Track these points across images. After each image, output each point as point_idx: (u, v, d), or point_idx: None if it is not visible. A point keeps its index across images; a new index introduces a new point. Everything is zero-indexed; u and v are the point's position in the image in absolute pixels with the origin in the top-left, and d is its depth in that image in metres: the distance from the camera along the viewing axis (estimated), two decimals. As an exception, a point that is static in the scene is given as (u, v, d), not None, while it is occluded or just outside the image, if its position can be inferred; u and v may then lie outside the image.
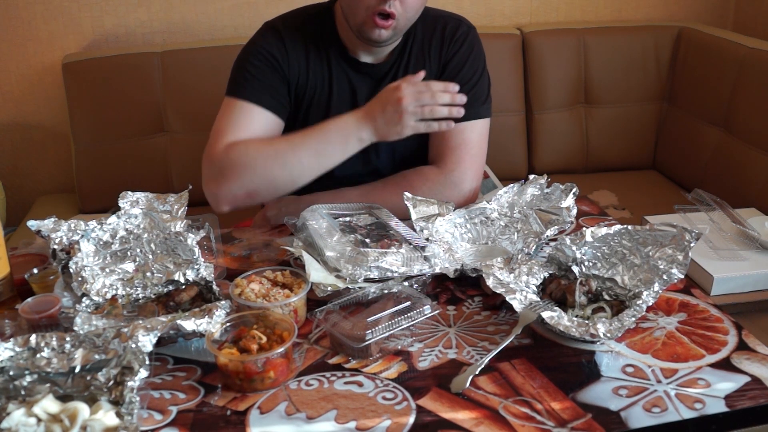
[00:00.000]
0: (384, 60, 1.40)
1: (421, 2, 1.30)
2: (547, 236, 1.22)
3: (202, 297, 1.05)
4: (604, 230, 1.07)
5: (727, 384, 0.87)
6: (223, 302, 0.97)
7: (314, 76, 1.38)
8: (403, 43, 1.40)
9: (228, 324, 0.94)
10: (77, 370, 0.82)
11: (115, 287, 1.02)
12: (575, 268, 1.07)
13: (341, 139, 1.23)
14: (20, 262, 1.11)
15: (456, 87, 1.22)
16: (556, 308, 0.99)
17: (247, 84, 1.33)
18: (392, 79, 1.40)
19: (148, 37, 2.27)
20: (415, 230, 1.19)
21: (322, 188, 1.37)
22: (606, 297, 1.05)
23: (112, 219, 1.06)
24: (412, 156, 1.43)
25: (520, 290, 1.01)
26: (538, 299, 1.02)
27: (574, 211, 1.27)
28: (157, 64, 2.10)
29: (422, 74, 1.25)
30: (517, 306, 0.98)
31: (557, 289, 1.04)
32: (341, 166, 1.43)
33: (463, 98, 1.22)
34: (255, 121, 1.31)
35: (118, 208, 1.09)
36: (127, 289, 1.03)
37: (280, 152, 1.24)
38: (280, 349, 0.88)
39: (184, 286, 1.04)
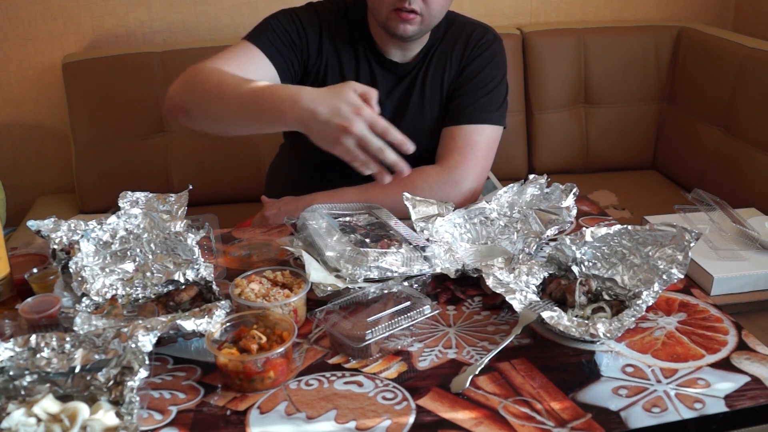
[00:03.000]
0: (409, 60, 1.41)
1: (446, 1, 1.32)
2: (547, 236, 1.22)
3: (202, 297, 1.05)
4: (604, 230, 1.07)
5: (727, 384, 0.87)
6: (223, 302, 0.97)
7: (343, 63, 1.40)
8: (428, 46, 1.42)
9: (228, 324, 0.94)
10: (77, 370, 0.82)
11: (115, 287, 1.02)
12: (575, 268, 1.07)
13: (271, 116, 1.11)
14: (20, 262, 1.11)
15: (408, 145, 1.04)
16: (556, 308, 0.99)
17: (263, 33, 1.35)
18: (413, 79, 1.43)
19: (148, 37, 2.27)
20: (415, 230, 1.19)
21: (337, 178, 1.38)
22: (606, 297, 1.05)
23: (112, 219, 1.06)
24: (429, 156, 1.43)
25: (520, 290, 1.01)
26: (538, 299, 1.02)
27: (574, 211, 1.27)
28: (157, 64, 2.10)
29: (375, 93, 1.07)
30: (517, 306, 0.98)
31: (557, 289, 1.04)
32: None
33: (411, 148, 1.05)
34: (249, 61, 1.32)
35: (118, 208, 1.09)
36: (127, 289, 1.03)
37: (221, 89, 1.18)
38: (280, 349, 0.88)
39: (184, 286, 1.04)
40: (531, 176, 1.31)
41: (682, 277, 1.00)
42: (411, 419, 0.83)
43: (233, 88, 1.17)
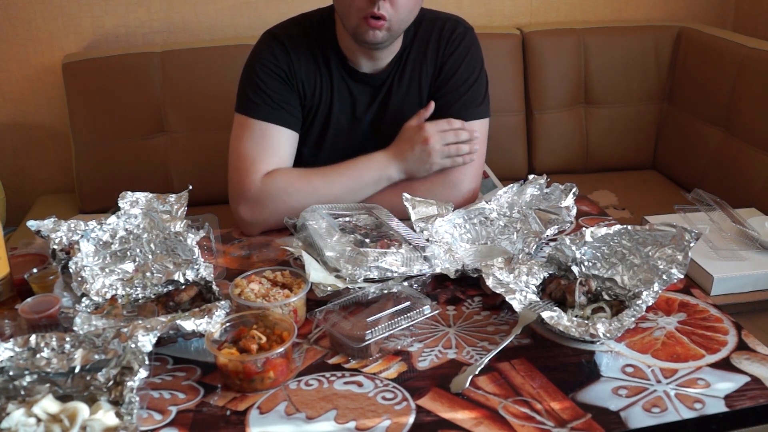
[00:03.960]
0: (383, 68, 1.39)
1: (413, 3, 1.28)
2: (547, 236, 1.22)
3: (202, 297, 1.05)
4: (603, 230, 1.07)
5: (726, 384, 0.87)
6: (222, 302, 0.97)
7: (318, 84, 1.38)
8: (401, 50, 1.39)
9: (228, 324, 0.94)
10: (77, 370, 0.82)
11: (114, 287, 1.03)
12: (575, 268, 1.07)
13: (374, 178, 1.32)
14: (20, 262, 1.11)
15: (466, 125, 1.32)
16: (555, 308, 0.99)
17: (262, 102, 1.33)
18: (390, 87, 1.40)
19: (148, 37, 2.27)
20: (415, 230, 1.19)
21: None
22: (606, 297, 1.05)
23: (112, 219, 1.06)
24: None
25: (520, 290, 1.01)
26: (538, 299, 1.02)
27: (574, 211, 1.27)
28: (157, 64, 2.10)
29: (432, 105, 1.35)
30: (516, 306, 0.98)
31: (557, 289, 1.04)
32: None
33: (478, 133, 1.34)
34: (278, 143, 1.33)
35: (118, 208, 1.09)
36: (127, 289, 1.03)
37: (317, 189, 1.30)
38: (280, 349, 0.88)
39: (183, 286, 1.04)
40: (531, 176, 1.31)
41: (682, 277, 1.00)
42: (411, 419, 0.83)
43: (323, 179, 1.31)
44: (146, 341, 0.84)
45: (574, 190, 1.28)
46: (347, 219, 1.24)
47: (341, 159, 1.37)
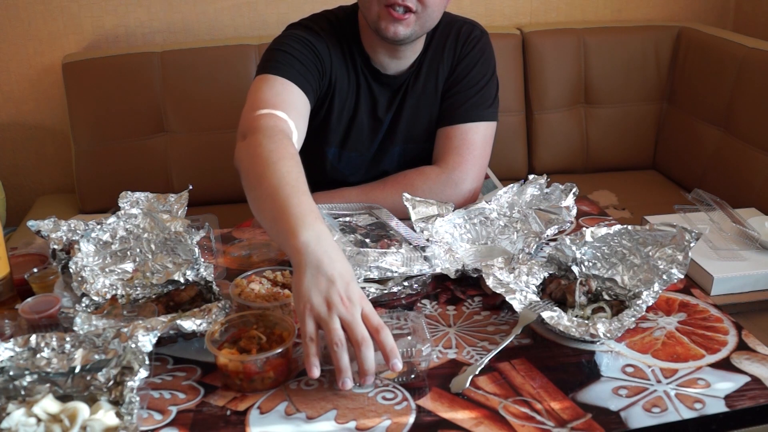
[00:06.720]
0: (404, 70, 1.40)
1: (443, 1, 1.28)
2: (547, 236, 1.22)
3: (202, 297, 1.05)
4: (604, 230, 1.07)
5: (727, 384, 0.87)
6: (223, 302, 0.97)
7: (346, 81, 1.37)
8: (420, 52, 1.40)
9: (228, 324, 0.94)
10: (77, 370, 0.82)
11: (115, 287, 1.03)
12: (575, 268, 1.07)
13: (284, 230, 0.92)
14: (20, 262, 1.11)
15: (399, 364, 0.84)
16: (556, 308, 0.99)
17: (283, 62, 1.26)
18: (407, 88, 1.41)
19: (148, 37, 2.27)
20: (415, 230, 1.19)
21: (336, 183, 1.37)
22: (606, 297, 1.05)
23: (112, 219, 1.06)
24: (425, 159, 1.43)
25: (520, 290, 1.01)
26: (538, 299, 1.02)
27: (574, 211, 1.27)
28: (157, 64, 2.10)
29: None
30: (517, 306, 0.98)
31: (557, 289, 1.04)
32: (355, 173, 1.43)
33: (398, 366, 0.84)
34: (288, 93, 1.23)
35: (118, 208, 1.09)
36: (127, 289, 1.03)
37: (261, 170, 1.01)
38: (280, 349, 0.88)
39: (184, 286, 1.04)
40: (531, 176, 1.31)
41: (682, 277, 1.00)
42: (411, 419, 0.83)
43: (270, 186, 0.98)
44: (146, 341, 0.84)
45: (574, 190, 1.28)
46: (347, 219, 1.24)
47: (362, 160, 1.39)
